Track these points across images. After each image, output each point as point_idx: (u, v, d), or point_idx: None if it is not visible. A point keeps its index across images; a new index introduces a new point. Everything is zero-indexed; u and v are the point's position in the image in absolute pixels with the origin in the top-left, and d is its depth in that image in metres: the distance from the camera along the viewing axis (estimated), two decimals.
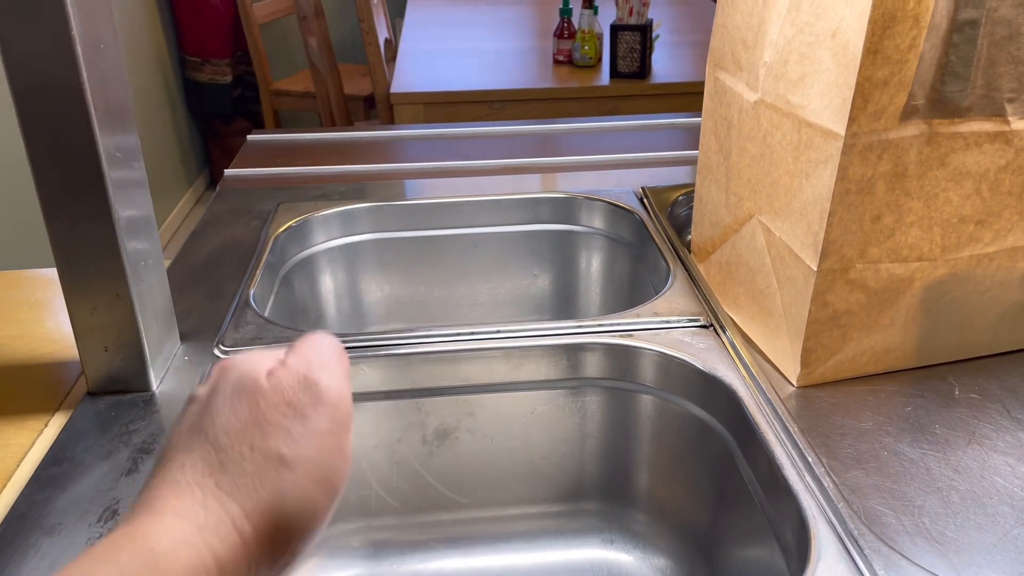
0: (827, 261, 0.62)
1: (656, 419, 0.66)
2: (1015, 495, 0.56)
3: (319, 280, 0.88)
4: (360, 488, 0.68)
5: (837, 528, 0.49)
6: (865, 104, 0.57)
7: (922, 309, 0.66)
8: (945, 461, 0.59)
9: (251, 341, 0.66)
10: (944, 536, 0.52)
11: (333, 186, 0.97)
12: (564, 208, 0.90)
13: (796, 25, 0.62)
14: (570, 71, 2.16)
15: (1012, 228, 0.64)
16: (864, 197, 0.61)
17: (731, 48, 0.71)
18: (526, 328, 0.66)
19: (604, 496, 0.70)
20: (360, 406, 0.67)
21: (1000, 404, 0.64)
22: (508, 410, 0.68)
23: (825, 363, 0.67)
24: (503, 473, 0.69)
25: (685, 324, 0.68)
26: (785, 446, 0.55)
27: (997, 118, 0.60)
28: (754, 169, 0.69)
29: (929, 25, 0.56)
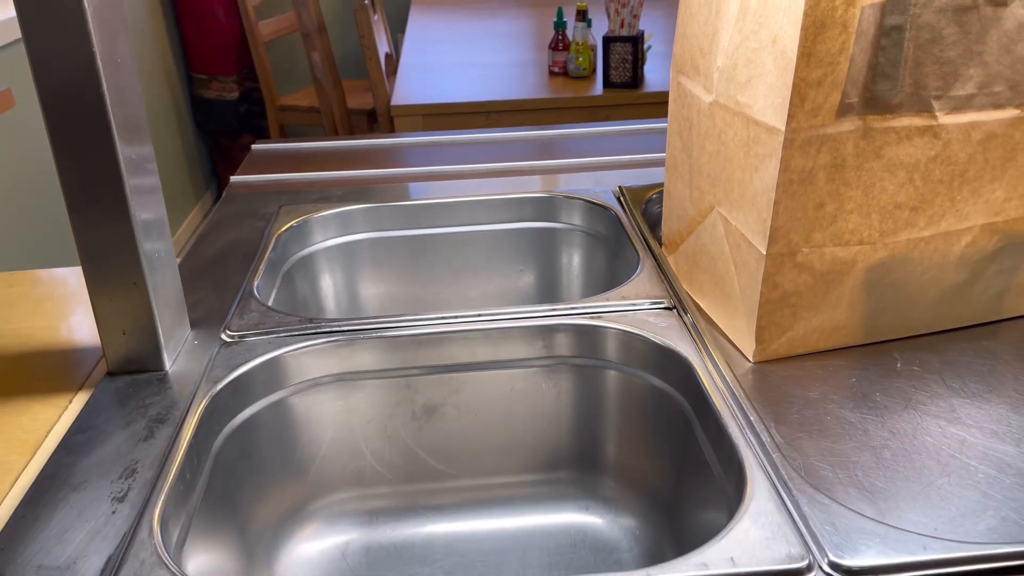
0: (775, 246, 0.69)
1: (622, 392, 0.72)
2: (942, 451, 0.62)
3: (318, 276, 0.95)
4: (355, 460, 0.75)
5: (770, 474, 0.55)
6: (802, 102, 0.64)
7: (865, 289, 0.72)
8: (882, 424, 0.65)
9: (255, 327, 0.73)
10: (874, 486, 0.58)
11: (332, 190, 1.04)
12: (546, 207, 0.97)
13: (743, 32, 0.68)
14: (565, 82, 2.24)
15: (944, 214, 0.70)
16: (806, 187, 0.67)
17: (690, 55, 0.78)
18: (504, 312, 0.73)
19: (578, 465, 0.76)
20: (355, 384, 0.73)
21: (938, 375, 0.70)
22: (490, 387, 0.74)
23: (778, 340, 0.73)
24: (486, 445, 0.76)
25: (649, 307, 0.74)
26: (731, 409, 0.62)
27: (925, 114, 0.67)
28: (712, 165, 0.76)
29: (857, 31, 0.62)
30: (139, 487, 0.57)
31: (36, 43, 0.60)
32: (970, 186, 0.70)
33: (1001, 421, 0.64)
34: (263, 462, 0.71)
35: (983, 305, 0.76)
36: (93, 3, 0.59)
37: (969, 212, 0.71)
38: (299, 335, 0.72)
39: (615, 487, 0.75)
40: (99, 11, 0.60)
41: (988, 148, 0.69)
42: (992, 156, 0.69)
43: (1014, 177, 0.70)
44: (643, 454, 0.73)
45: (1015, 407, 0.66)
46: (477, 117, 2.12)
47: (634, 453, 0.74)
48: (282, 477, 0.72)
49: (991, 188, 0.70)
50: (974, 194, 0.70)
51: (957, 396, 0.68)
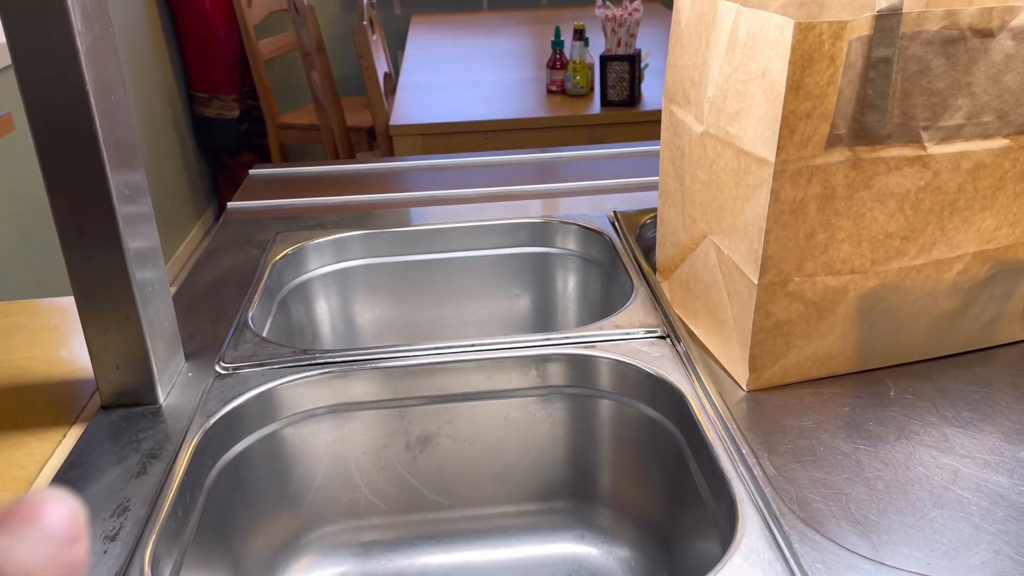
0: (767, 275, 0.69)
1: (616, 422, 0.72)
2: (935, 483, 0.61)
3: (314, 304, 0.95)
4: (350, 491, 0.75)
5: (762, 509, 0.55)
6: (792, 134, 0.64)
7: (858, 318, 0.72)
8: (875, 454, 0.65)
9: (249, 358, 0.73)
10: (867, 519, 0.58)
11: (329, 216, 1.04)
12: (541, 232, 0.97)
13: (732, 65, 0.69)
14: (563, 100, 2.24)
15: (935, 243, 0.71)
16: (797, 217, 0.67)
17: (681, 85, 0.78)
18: (498, 341, 0.73)
19: (573, 495, 0.76)
20: (349, 415, 0.74)
21: (931, 403, 0.70)
22: (484, 417, 0.74)
23: (771, 368, 0.73)
24: (481, 475, 0.76)
25: (643, 335, 0.75)
26: (724, 441, 0.62)
27: (914, 144, 0.67)
28: (704, 193, 0.76)
29: (845, 63, 0.63)
30: (131, 525, 0.57)
31: (26, 71, 0.60)
32: (960, 215, 0.70)
33: (994, 451, 0.64)
34: (257, 495, 0.71)
35: (976, 332, 0.76)
36: (83, 31, 0.60)
37: (960, 240, 0.71)
38: (293, 367, 0.72)
39: (610, 517, 0.75)
40: (90, 39, 0.60)
41: (978, 177, 0.69)
42: (982, 185, 0.69)
43: (1004, 206, 0.71)
44: (637, 484, 0.73)
45: (1008, 436, 0.66)
46: (475, 136, 2.13)
47: (628, 483, 0.74)
48: (276, 510, 0.72)
49: (981, 217, 0.71)
50: (965, 223, 0.70)
51: (950, 425, 0.68)
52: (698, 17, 0.74)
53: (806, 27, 0.61)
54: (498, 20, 3.27)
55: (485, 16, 3.41)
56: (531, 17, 3.27)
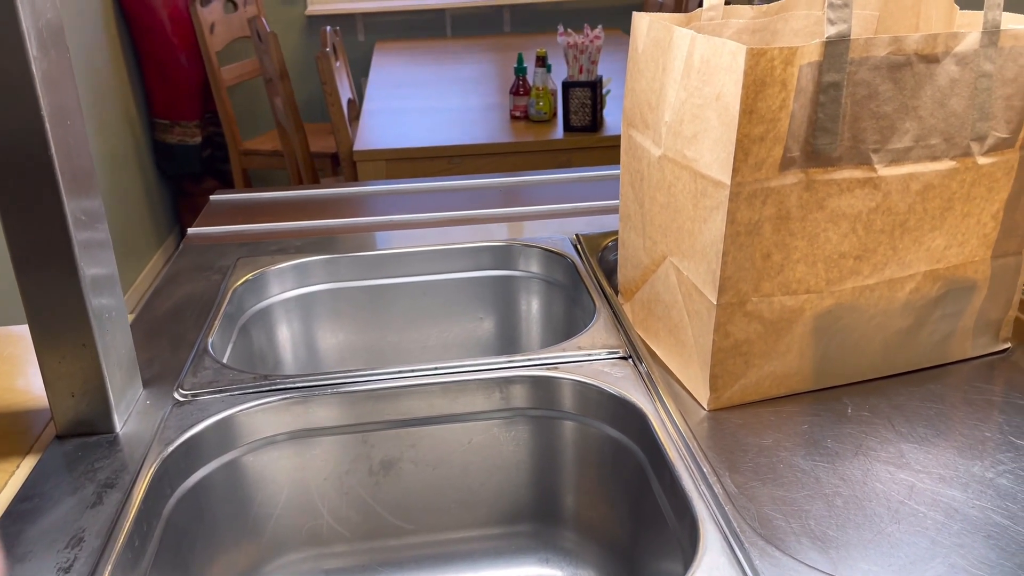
0: (725, 295, 0.70)
1: (579, 443, 0.73)
2: (892, 498, 0.62)
3: (276, 329, 0.94)
4: (311, 518, 0.74)
5: (723, 527, 0.56)
6: (746, 157, 0.66)
7: (815, 336, 0.74)
8: (833, 471, 0.66)
9: (208, 384, 0.72)
10: (826, 535, 0.59)
11: (290, 241, 1.04)
12: (504, 255, 0.98)
13: (688, 89, 0.70)
14: (526, 126, 2.26)
15: (888, 262, 0.72)
16: (753, 238, 0.69)
17: (639, 109, 0.80)
18: (460, 364, 0.73)
19: (537, 517, 0.76)
20: (310, 441, 0.73)
21: (887, 420, 0.72)
22: (447, 441, 0.74)
23: (731, 388, 0.74)
24: (445, 500, 0.75)
25: (605, 356, 0.75)
26: (685, 460, 0.62)
27: (865, 166, 0.69)
28: (663, 216, 0.77)
29: (796, 88, 0.65)
30: (86, 556, 0.56)
31: None
32: (911, 235, 0.72)
33: (948, 466, 0.66)
34: (216, 524, 0.69)
35: (929, 349, 0.78)
36: (39, 56, 0.59)
37: (911, 260, 0.73)
38: (253, 392, 0.71)
39: (574, 539, 0.75)
40: (46, 64, 0.60)
41: (927, 198, 0.71)
42: (931, 206, 0.71)
43: (953, 226, 0.73)
44: (601, 505, 0.73)
45: (961, 451, 0.67)
46: (440, 161, 2.13)
47: (592, 504, 0.74)
48: (236, 538, 0.71)
49: (931, 236, 0.72)
50: (915, 242, 0.72)
51: (906, 441, 0.69)
52: (654, 43, 0.76)
53: (758, 53, 0.63)
54: (461, 47, 3.30)
55: (449, 42, 3.44)
56: (494, 44, 3.30)
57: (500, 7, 3.62)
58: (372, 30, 3.59)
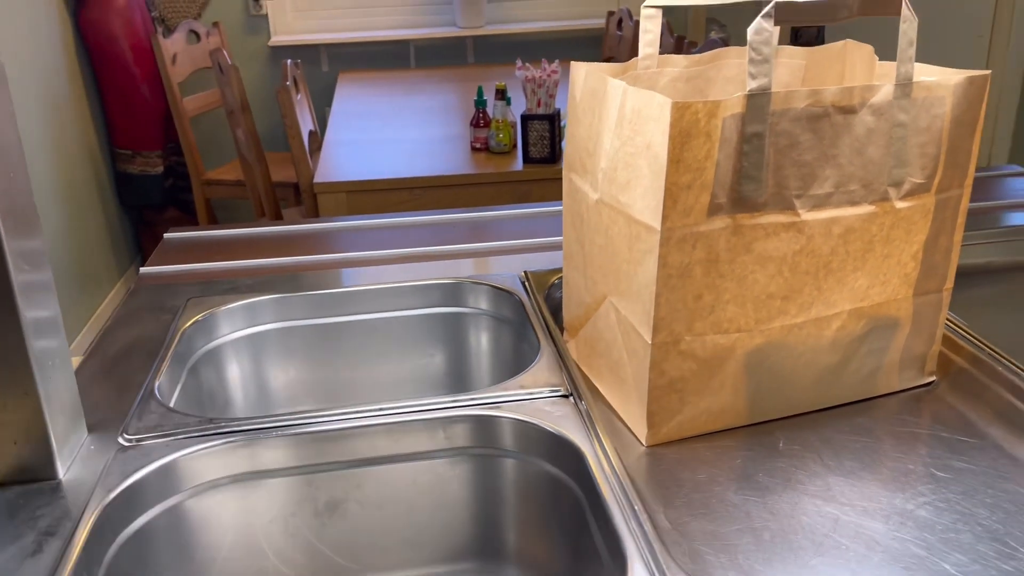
0: (659, 335, 0.73)
1: (520, 481, 0.74)
2: (817, 531, 0.65)
3: (226, 369, 0.95)
4: (257, 561, 0.74)
5: (650, 565, 0.58)
6: (675, 203, 0.68)
7: (746, 373, 0.76)
8: (763, 505, 0.68)
9: (153, 429, 0.73)
10: (753, 568, 0.61)
11: (242, 280, 1.05)
12: (453, 292, 1.00)
13: (621, 138, 0.73)
14: (487, 157, 2.29)
15: (813, 302, 0.76)
16: (685, 280, 0.71)
17: (579, 155, 0.82)
18: (404, 405, 0.75)
19: (481, 554, 0.77)
20: (255, 484, 0.74)
21: (816, 454, 0.75)
22: (393, 481, 0.75)
23: (668, 424, 0.76)
24: (391, 539, 0.76)
25: (547, 395, 0.77)
26: (618, 497, 0.64)
27: (789, 211, 0.72)
28: (602, 257, 0.80)
29: (721, 138, 0.68)
30: None
31: None
32: (835, 276, 0.75)
33: (872, 498, 0.68)
34: (160, 569, 0.70)
35: (857, 384, 0.81)
36: None
37: (836, 299, 0.76)
38: (197, 436, 0.72)
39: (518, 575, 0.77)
40: None
41: (848, 241, 0.74)
42: (852, 248, 0.75)
43: (874, 266, 0.76)
44: (542, 541, 0.75)
45: (885, 484, 0.70)
46: (400, 193, 2.15)
47: (534, 541, 0.76)
48: None
49: (854, 277, 0.76)
50: (839, 283, 0.76)
51: (833, 474, 0.72)
52: (591, 93, 0.79)
53: (683, 106, 0.66)
54: (425, 77, 3.33)
55: (412, 73, 3.47)
56: (458, 75, 3.34)
57: (463, 39, 3.67)
58: (336, 60, 3.61)
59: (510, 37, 3.65)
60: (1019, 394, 0.77)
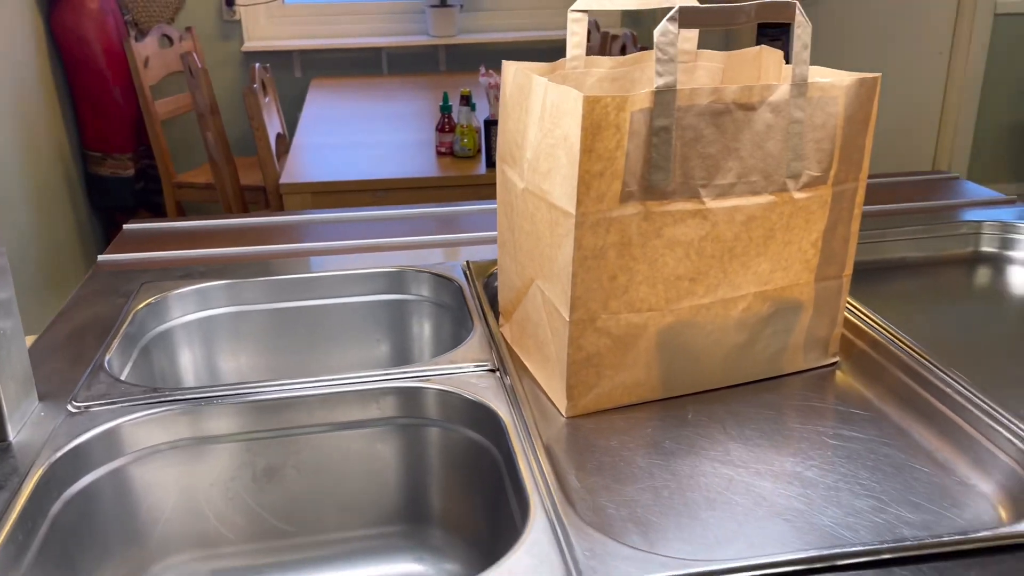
0: (576, 313, 0.78)
1: (444, 447, 0.80)
2: (711, 489, 0.71)
3: (177, 352, 1.00)
4: (198, 523, 0.79)
5: (551, 514, 0.63)
6: (588, 190, 0.74)
7: (659, 350, 0.82)
8: (666, 467, 0.74)
9: (101, 397, 0.78)
10: (649, 520, 0.67)
11: (196, 267, 1.09)
12: (397, 280, 1.05)
13: (543, 130, 0.79)
14: (452, 161, 2.35)
15: (719, 284, 0.82)
16: (599, 262, 0.77)
17: (509, 147, 0.88)
18: (339, 377, 0.80)
19: (409, 518, 0.82)
20: (196, 450, 0.78)
21: (720, 424, 0.81)
22: (327, 448, 0.80)
23: (586, 396, 0.82)
24: (325, 504, 0.81)
25: (473, 369, 0.83)
26: (529, 459, 0.70)
27: (695, 199, 0.78)
28: (529, 242, 0.86)
29: (630, 131, 0.74)
30: None
31: None
32: (739, 260, 0.81)
33: (765, 462, 0.75)
34: (105, 527, 0.74)
35: (764, 362, 0.88)
36: None
37: (741, 282, 0.83)
38: (142, 404, 0.77)
39: (441, 536, 0.82)
40: None
41: (750, 228, 0.81)
42: (754, 235, 0.81)
43: (775, 252, 0.83)
44: (464, 504, 0.80)
45: (779, 450, 0.76)
46: (365, 195, 2.20)
47: (457, 503, 0.81)
48: (125, 540, 0.76)
49: (757, 262, 0.82)
50: (743, 267, 0.82)
51: (734, 441, 0.78)
52: (519, 89, 0.85)
53: (593, 100, 0.72)
54: (396, 84, 3.39)
55: (384, 80, 3.53)
56: (429, 82, 3.40)
57: (435, 47, 3.73)
58: (309, 67, 3.66)
59: (482, 46, 3.72)
60: (911, 374, 0.84)
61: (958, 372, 0.81)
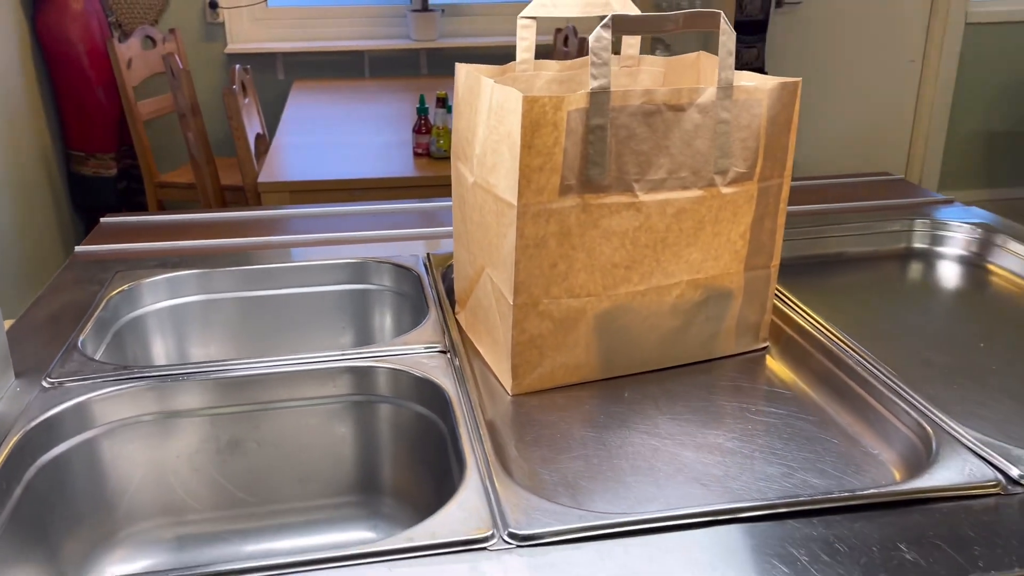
0: (520, 297, 0.85)
1: (394, 422, 0.86)
2: (637, 457, 0.77)
3: (149, 337, 1.05)
4: (165, 492, 0.84)
5: (483, 475, 0.69)
6: (528, 183, 0.81)
7: (597, 333, 0.89)
8: (598, 439, 0.80)
9: (74, 374, 0.83)
10: (578, 484, 0.73)
11: (170, 258, 1.15)
12: (360, 271, 1.11)
13: (489, 127, 0.85)
14: (428, 162, 2.41)
15: (653, 272, 0.88)
16: (541, 250, 0.83)
17: (461, 144, 0.94)
18: (298, 358, 0.85)
19: (363, 488, 0.88)
20: (164, 423, 0.84)
21: (654, 401, 0.87)
22: (287, 423, 0.86)
23: (530, 375, 0.88)
24: (284, 475, 0.87)
25: (424, 351, 0.89)
26: (470, 430, 0.76)
27: (629, 193, 0.85)
28: (479, 232, 0.92)
29: (567, 129, 0.80)
30: None
31: None
32: (671, 250, 0.88)
33: (690, 434, 0.81)
34: (76, 494, 0.80)
35: (698, 346, 0.94)
36: None
37: (674, 270, 0.89)
38: (113, 380, 0.82)
39: (392, 505, 0.87)
40: None
41: (681, 220, 0.87)
42: (685, 226, 0.87)
43: (705, 243, 0.89)
44: (413, 474, 0.86)
45: (705, 424, 0.83)
46: (342, 194, 2.25)
47: (406, 474, 0.87)
48: (95, 507, 0.81)
49: (688, 251, 0.89)
50: (675, 256, 0.88)
51: (664, 416, 0.84)
52: (469, 90, 0.91)
53: (532, 100, 0.78)
54: (378, 87, 3.45)
55: (366, 83, 3.58)
56: (409, 85, 3.46)
57: (417, 51, 3.79)
58: (292, 69, 3.71)
59: (462, 50, 3.78)
60: (832, 357, 0.90)
61: (872, 355, 0.88)
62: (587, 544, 0.62)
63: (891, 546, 0.61)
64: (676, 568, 0.60)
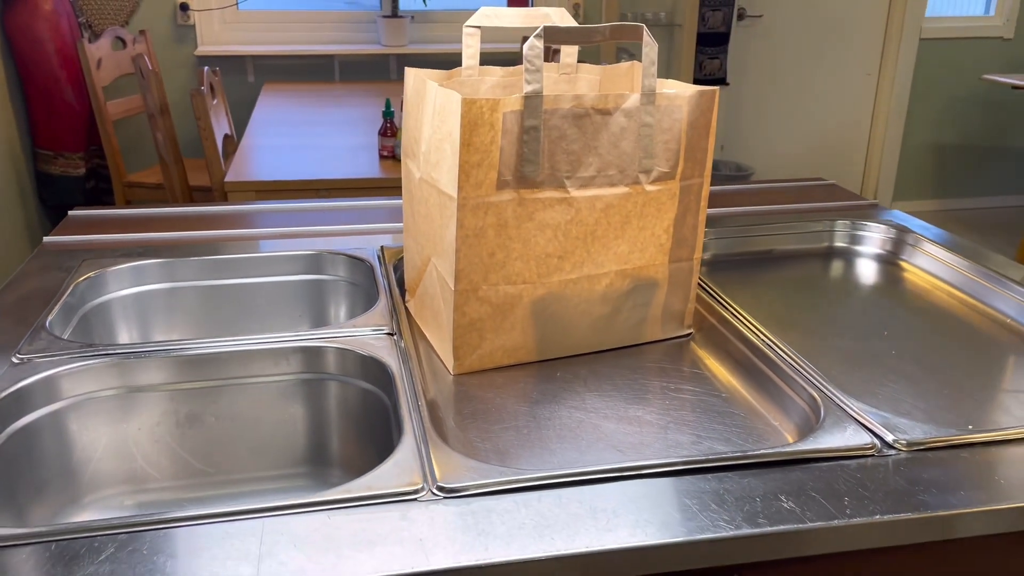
0: (461, 283, 0.92)
1: (343, 398, 0.92)
2: (563, 428, 0.85)
3: (114, 323, 1.11)
4: (127, 463, 0.90)
5: (418, 440, 0.76)
6: (468, 178, 0.88)
7: (532, 318, 0.96)
8: (530, 412, 0.88)
9: (41, 351, 0.89)
10: (508, 451, 0.81)
11: (135, 248, 1.21)
12: (316, 262, 1.18)
13: (433, 126, 0.93)
14: (393, 164, 2.47)
15: (584, 262, 0.96)
16: (479, 240, 0.91)
17: (409, 143, 1.02)
18: (252, 338, 0.92)
19: (313, 461, 0.95)
20: (126, 398, 0.90)
21: (583, 381, 0.95)
22: (242, 399, 0.92)
23: (471, 356, 0.95)
24: (240, 448, 0.93)
25: (371, 333, 0.96)
26: (409, 402, 0.83)
27: (561, 189, 0.92)
28: (425, 225, 0.99)
29: (503, 128, 0.88)
30: None
31: None
32: (600, 242, 0.96)
33: (613, 408, 0.89)
34: (43, 462, 0.85)
35: (627, 331, 1.02)
36: None
37: (603, 261, 0.97)
38: (78, 357, 0.88)
39: (341, 476, 0.94)
40: None
41: (609, 215, 0.95)
42: (613, 220, 0.95)
43: (632, 236, 0.97)
44: (359, 446, 0.93)
45: (628, 400, 0.90)
46: (307, 193, 2.31)
47: (353, 446, 0.94)
48: (60, 475, 0.87)
49: (616, 244, 0.97)
50: (604, 248, 0.96)
51: (591, 393, 0.92)
52: (416, 92, 0.98)
53: (470, 101, 0.86)
54: (347, 91, 3.51)
55: (336, 86, 3.64)
56: (379, 89, 3.52)
57: (387, 56, 3.86)
58: (262, 72, 3.76)
59: (432, 56, 3.85)
60: (746, 342, 0.99)
61: (783, 341, 0.97)
62: (506, 496, 0.69)
63: (773, 497, 0.69)
64: (582, 514, 0.67)
